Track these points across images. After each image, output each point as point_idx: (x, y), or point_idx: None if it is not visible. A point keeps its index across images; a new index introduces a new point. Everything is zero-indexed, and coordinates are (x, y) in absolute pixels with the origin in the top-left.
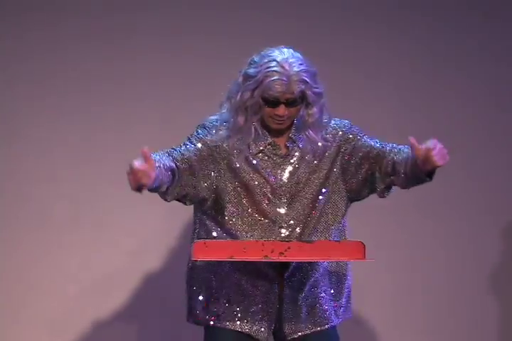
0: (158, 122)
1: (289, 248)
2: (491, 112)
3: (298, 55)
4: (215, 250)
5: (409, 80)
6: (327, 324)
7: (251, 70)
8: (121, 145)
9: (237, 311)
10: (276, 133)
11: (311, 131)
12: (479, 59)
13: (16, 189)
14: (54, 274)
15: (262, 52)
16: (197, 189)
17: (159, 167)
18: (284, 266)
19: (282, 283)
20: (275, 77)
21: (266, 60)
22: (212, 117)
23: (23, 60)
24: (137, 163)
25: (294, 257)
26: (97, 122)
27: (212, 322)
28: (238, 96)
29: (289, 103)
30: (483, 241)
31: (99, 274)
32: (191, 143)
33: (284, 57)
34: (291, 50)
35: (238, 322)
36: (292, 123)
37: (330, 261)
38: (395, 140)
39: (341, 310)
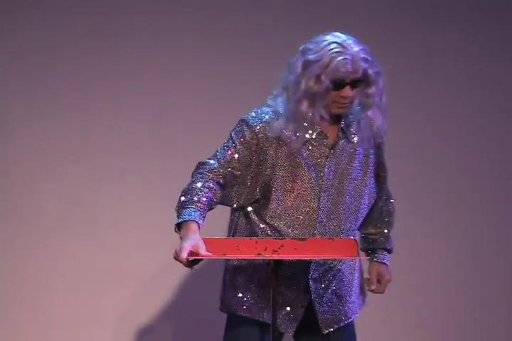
0: (151, 121)
1: (282, 246)
2: (487, 111)
3: (351, 36)
4: (208, 248)
5: (407, 80)
6: (351, 317)
7: (311, 56)
8: (114, 143)
9: (265, 304)
10: (327, 122)
11: (370, 113)
12: (477, 59)
13: (7, 187)
14: (46, 272)
15: (314, 40)
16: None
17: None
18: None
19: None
20: (341, 57)
21: (325, 44)
22: (262, 109)
23: (16, 59)
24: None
25: (287, 255)
26: (90, 121)
27: (242, 313)
28: (303, 85)
29: (354, 84)
30: (480, 241)
31: (92, 272)
32: (233, 145)
33: (343, 39)
34: (341, 33)
35: (265, 314)
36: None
37: (324, 259)
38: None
39: (361, 303)
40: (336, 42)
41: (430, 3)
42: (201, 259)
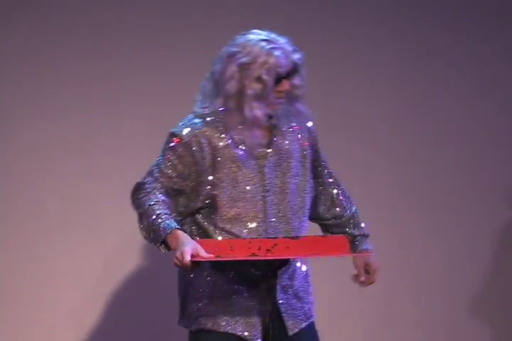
0: (151, 120)
1: (275, 244)
2: (486, 111)
3: (268, 31)
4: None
5: (405, 80)
6: (312, 317)
7: (244, 59)
8: (114, 143)
9: (228, 314)
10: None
11: (299, 105)
12: (476, 59)
13: (7, 186)
14: (46, 271)
15: (236, 42)
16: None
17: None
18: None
19: (274, 282)
20: (277, 52)
21: (252, 43)
22: (190, 119)
23: (14, 59)
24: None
25: (281, 253)
26: (90, 120)
27: (203, 326)
28: (248, 89)
29: (289, 76)
30: (477, 240)
31: (92, 272)
32: (167, 161)
33: (267, 35)
34: (259, 30)
35: (229, 326)
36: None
37: (318, 257)
38: (393, 140)
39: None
40: (263, 40)
41: (430, 3)
42: (201, 262)
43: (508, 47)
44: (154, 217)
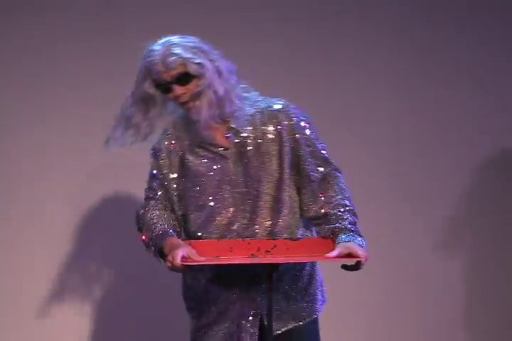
0: None
1: (275, 246)
2: (487, 110)
3: (174, 37)
4: (200, 251)
5: (405, 79)
6: (307, 318)
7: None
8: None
9: (218, 314)
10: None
11: (196, 103)
12: (477, 58)
13: (7, 187)
14: (45, 272)
15: None
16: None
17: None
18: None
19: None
20: (151, 59)
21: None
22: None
23: (13, 60)
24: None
25: (280, 255)
26: (87, 121)
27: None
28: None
29: (180, 80)
30: (480, 240)
31: (92, 272)
32: (154, 184)
33: (155, 43)
34: (165, 36)
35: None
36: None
37: (320, 261)
38: (393, 139)
39: (318, 304)
40: (147, 50)
41: (430, 2)
42: (195, 265)
43: (509, 46)
44: (157, 231)
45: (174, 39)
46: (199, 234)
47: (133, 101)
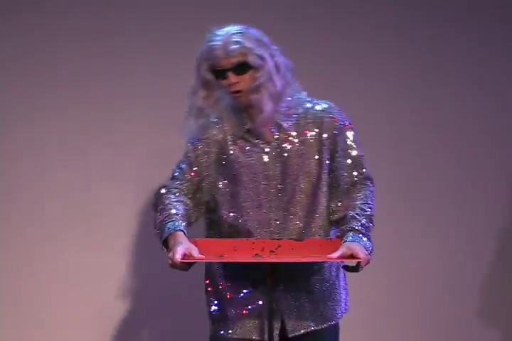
0: (150, 120)
1: (279, 246)
2: (487, 110)
3: (238, 26)
4: (204, 249)
5: (405, 79)
6: (325, 323)
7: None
8: (114, 143)
9: (237, 318)
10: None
11: (254, 97)
12: (477, 58)
13: (7, 187)
14: (46, 272)
15: None
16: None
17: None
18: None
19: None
20: (212, 44)
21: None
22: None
23: (13, 60)
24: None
25: (284, 255)
26: (88, 121)
27: (214, 332)
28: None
29: (237, 69)
30: (480, 240)
31: (92, 272)
32: (186, 163)
33: (220, 29)
34: (234, 25)
35: (233, 330)
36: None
37: (321, 261)
38: (392, 139)
39: (339, 311)
40: (212, 34)
41: (430, 2)
42: (194, 263)
43: (509, 46)
44: (166, 215)
45: (239, 28)
46: (226, 226)
47: (195, 88)
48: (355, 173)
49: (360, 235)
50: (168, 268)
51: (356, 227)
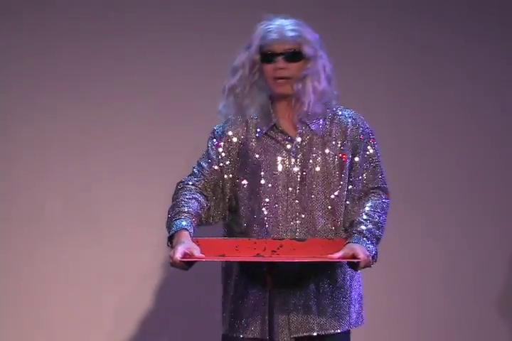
0: (151, 120)
1: (281, 246)
2: (487, 110)
3: (292, 18)
4: (206, 248)
5: (405, 79)
6: (331, 330)
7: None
8: (114, 143)
9: (247, 317)
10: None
11: (297, 86)
12: (477, 58)
13: (8, 187)
14: (46, 272)
15: None
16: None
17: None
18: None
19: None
20: (269, 27)
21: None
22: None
23: (13, 60)
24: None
25: (286, 255)
26: (89, 120)
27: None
28: (245, 69)
29: (289, 56)
30: (480, 240)
31: (92, 272)
32: (208, 158)
33: (277, 19)
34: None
35: (245, 330)
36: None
37: (323, 261)
38: (392, 139)
39: (348, 320)
40: (268, 21)
41: (430, 2)
42: (195, 262)
43: (509, 46)
44: (176, 212)
45: (300, 21)
46: (245, 224)
47: (236, 68)
48: (370, 185)
49: (364, 238)
50: (168, 268)
51: (361, 231)
